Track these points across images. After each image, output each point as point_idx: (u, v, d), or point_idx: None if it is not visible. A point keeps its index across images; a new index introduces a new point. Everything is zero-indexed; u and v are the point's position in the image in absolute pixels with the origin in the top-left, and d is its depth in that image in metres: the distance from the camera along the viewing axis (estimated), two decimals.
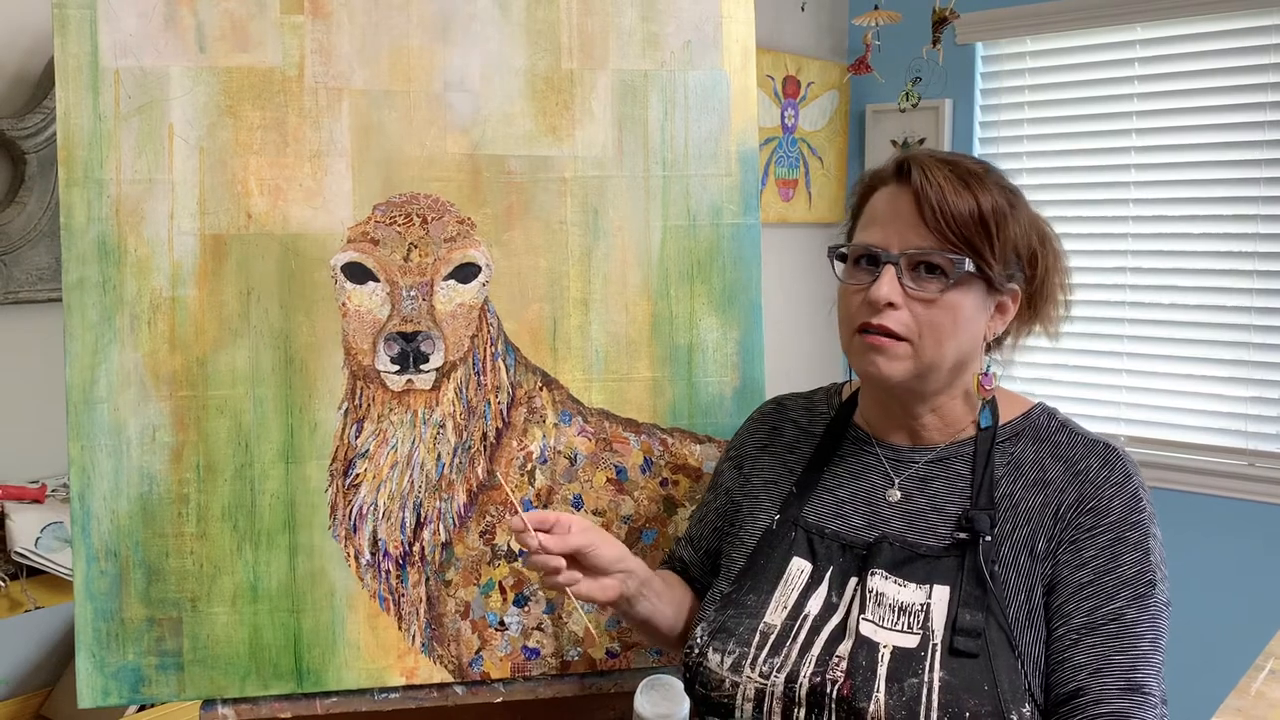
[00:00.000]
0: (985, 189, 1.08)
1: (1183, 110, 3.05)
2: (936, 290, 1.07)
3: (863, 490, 1.16)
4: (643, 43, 1.43)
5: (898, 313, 1.07)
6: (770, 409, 1.33)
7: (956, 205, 1.06)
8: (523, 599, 1.42)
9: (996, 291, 1.11)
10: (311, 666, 1.37)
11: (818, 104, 3.49)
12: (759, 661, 1.06)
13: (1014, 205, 1.10)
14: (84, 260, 1.31)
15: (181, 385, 1.34)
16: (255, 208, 1.35)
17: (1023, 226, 1.11)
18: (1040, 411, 1.17)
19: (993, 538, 1.06)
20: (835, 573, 1.11)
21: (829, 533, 1.14)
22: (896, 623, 1.04)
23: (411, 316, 1.37)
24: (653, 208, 1.44)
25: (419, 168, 1.38)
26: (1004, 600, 1.03)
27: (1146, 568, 1.03)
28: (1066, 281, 1.16)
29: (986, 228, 1.07)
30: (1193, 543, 2.96)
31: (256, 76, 1.35)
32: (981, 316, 1.11)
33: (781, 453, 1.26)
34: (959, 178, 1.08)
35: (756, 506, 1.24)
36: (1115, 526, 1.04)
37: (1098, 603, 1.01)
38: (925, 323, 1.07)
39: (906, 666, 1.01)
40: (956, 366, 1.12)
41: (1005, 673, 0.99)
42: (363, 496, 1.38)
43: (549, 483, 1.43)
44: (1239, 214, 2.98)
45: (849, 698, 1.00)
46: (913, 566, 1.08)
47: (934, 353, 1.08)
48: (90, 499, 1.32)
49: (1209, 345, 3.05)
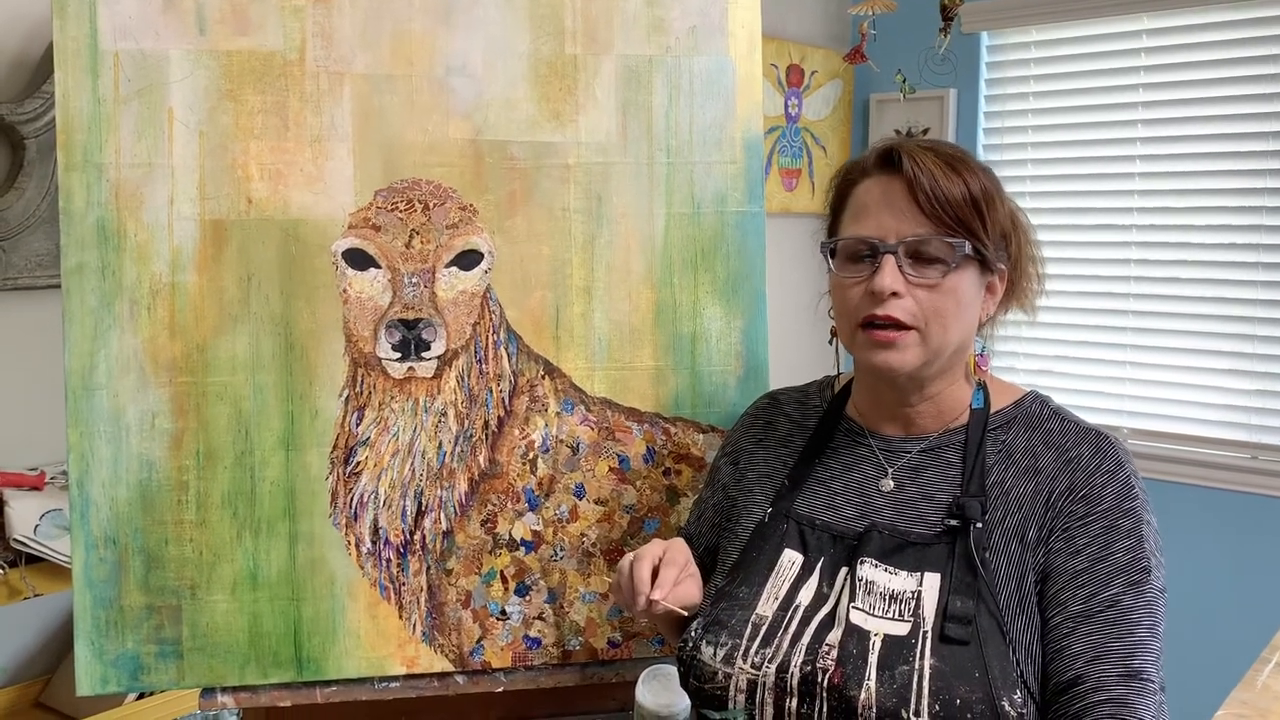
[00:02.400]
0: (971, 171, 1.10)
1: (1188, 101, 3.03)
2: (939, 275, 1.07)
3: (854, 481, 1.17)
4: (647, 27, 1.42)
5: (902, 301, 1.07)
6: (765, 403, 1.33)
7: (949, 189, 1.07)
8: (524, 588, 1.41)
9: (989, 272, 1.13)
10: (311, 655, 1.36)
11: (821, 93, 3.48)
12: (750, 653, 1.06)
13: (996, 185, 1.13)
14: (83, 245, 1.30)
15: (181, 371, 1.33)
16: (256, 193, 1.34)
17: (1005, 206, 1.13)
18: (1033, 399, 1.17)
19: (984, 525, 1.06)
20: (826, 563, 1.12)
21: (820, 524, 1.15)
22: (888, 611, 1.04)
23: (413, 304, 1.36)
24: (656, 195, 1.43)
25: (421, 153, 1.37)
26: (995, 587, 1.04)
27: (1141, 554, 1.03)
28: (1038, 254, 1.18)
29: (979, 209, 1.09)
30: (1196, 536, 2.95)
31: (257, 60, 1.33)
32: (978, 298, 1.13)
33: (775, 446, 1.26)
34: (945, 162, 1.09)
35: (750, 500, 1.24)
36: (1108, 514, 1.05)
37: (1093, 589, 1.01)
38: (930, 309, 1.08)
39: (897, 654, 1.01)
40: (959, 350, 1.13)
41: (996, 659, 0.99)
42: (364, 484, 1.37)
43: (551, 472, 1.42)
44: (1244, 205, 2.96)
45: (840, 686, 1.00)
46: (904, 554, 1.08)
47: (941, 338, 1.09)
48: (89, 486, 1.31)
49: (1213, 338, 3.04)
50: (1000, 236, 1.12)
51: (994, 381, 1.18)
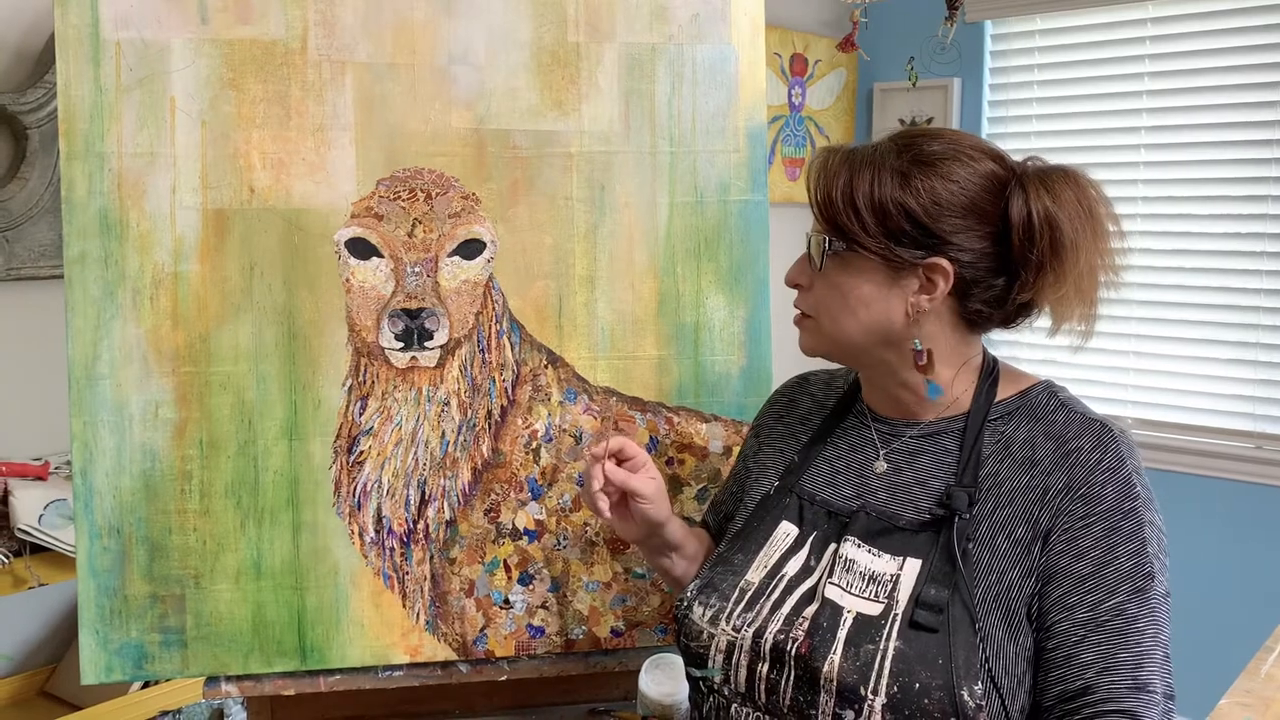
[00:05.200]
0: (862, 170, 1.08)
1: (1193, 90, 3.02)
2: (818, 270, 1.12)
3: (856, 462, 1.18)
4: (650, 15, 1.41)
5: (804, 292, 1.15)
6: (794, 383, 1.34)
7: (823, 188, 1.10)
8: (527, 577, 1.41)
9: (902, 267, 1.07)
10: (315, 644, 1.37)
11: (825, 82, 3.47)
12: (733, 616, 1.10)
13: (907, 178, 1.06)
14: (85, 234, 1.30)
15: (184, 361, 1.33)
16: (258, 182, 1.34)
17: (921, 200, 1.06)
18: (1041, 390, 1.16)
19: (971, 516, 1.06)
20: (818, 538, 1.14)
21: (819, 500, 1.17)
22: (865, 590, 1.06)
23: (416, 293, 1.36)
24: (659, 184, 1.43)
25: (423, 142, 1.37)
26: (974, 579, 1.03)
27: (1144, 559, 1.02)
28: (1042, 258, 1.06)
29: (853, 207, 1.08)
30: (1198, 525, 2.95)
31: (259, 49, 1.33)
32: (888, 294, 1.09)
33: (794, 424, 1.28)
34: (845, 160, 1.10)
35: (762, 474, 1.26)
36: (1109, 515, 1.03)
37: (1099, 597, 1.01)
38: (819, 301, 1.13)
39: (866, 633, 1.03)
40: (880, 342, 1.12)
41: (962, 649, 0.99)
42: (367, 474, 1.37)
43: (554, 461, 1.42)
44: (1249, 195, 2.96)
45: (806, 656, 1.03)
46: (890, 538, 1.09)
47: (831, 328, 1.13)
48: (93, 475, 1.31)
49: (1216, 327, 3.04)
50: (912, 229, 1.06)
51: (1008, 371, 1.17)
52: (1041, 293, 1.09)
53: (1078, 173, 1.10)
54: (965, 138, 1.11)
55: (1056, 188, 1.07)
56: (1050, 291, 1.08)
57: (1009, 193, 1.07)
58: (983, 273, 1.09)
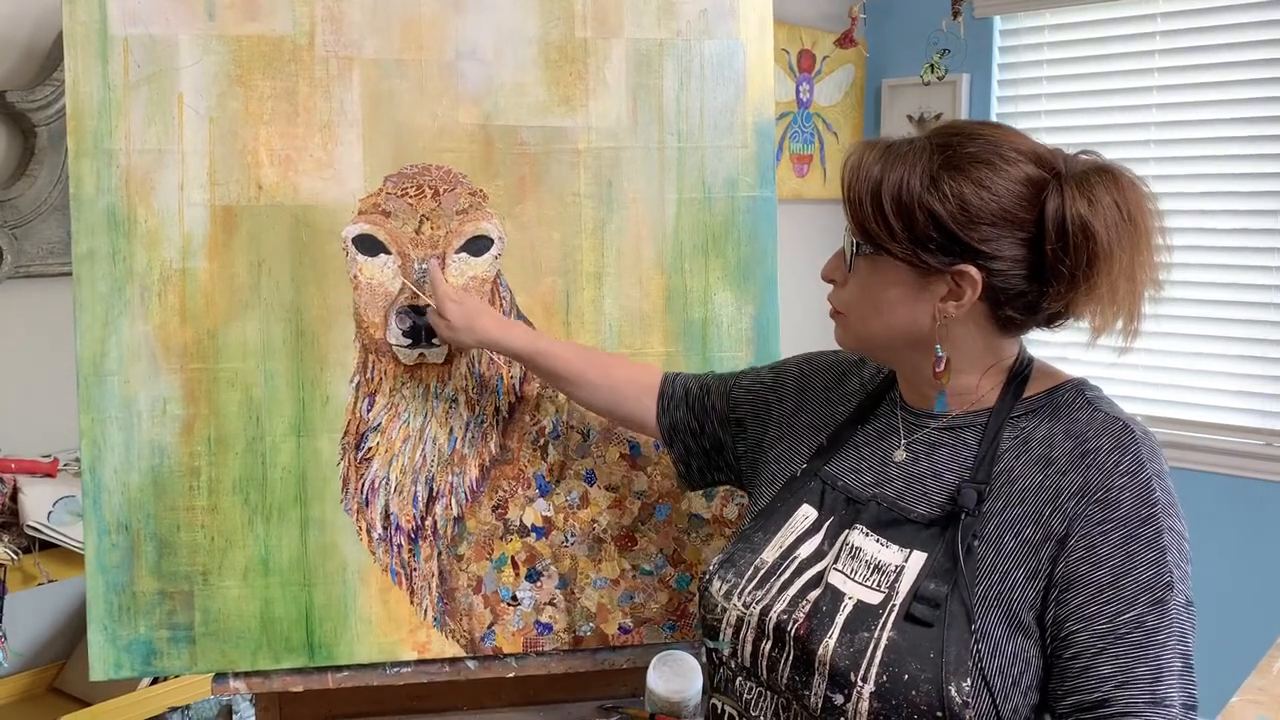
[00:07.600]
0: (892, 170, 1.04)
1: (1203, 85, 3.00)
2: (849, 269, 1.11)
3: (880, 449, 1.18)
4: (658, 11, 1.41)
5: (837, 288, 1.14)
6: (854, 359, 1.30)
7: (853, 188, 1.08)
8: (535, 574, 1.41)
9: (929, 273, 1.05)
10: (323, 640, 1.37)
11: (833, 78, 3.46)
12: (745, 592, 1.12)
13: (936, 182, 1.03)
14: (93, 231, 1.30)
15: (192, 358, 1.33)
16: (266, 179, 1.33)
17: (949, 207, 1.02)
18: (1069, 388, 1.12)
19: (980, 514, 1.05)
20: (834, 523, 1.14)
21: (840, 485, 1.17)
22: (868, 579, 1.06)
23: (423, 289, 1.36)
24: (667, 180, 1.42)
25: (430, 138, 1.36)
26: (976, 577, 1.03)
27: (1164, 568, 0.99)
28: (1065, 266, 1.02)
29: (879, 208, 1.04)
30: (1210, 523, 2.94)
31: (267, 45, 1.33)
32: (915, 298, 1.07)
33: (836, 401, 1.26)
34: (875, 160, 1.06)
35: (792, 451, 1.25)
36: (1127, 522, 1.01)
37: (1119, 608, 0.99)
38: (850, 300, 1.13)
39: (862, 621, 1.03)
40: (907, 344, 1.11)
41: (955, 645, 0.99)
42: (375, 470, 1.37)
43: (561, 458, 1.41)
44: (1259, 190, 2.94)
45: (804, 638, 1.05)
46: (899, 530, 1.09)
47: (860, 327, 1.12)
48: (101, 471, 1.32)
49: (1228, 324, 3.02)
50: (937, 234, 1.03)
51: (1042, 369, 1.15)
52: (1075, 303, 1.05)
53: (1121, 173, 1.05)
54: (1006, 138, 1.06)
55: (1096, 192, 1.02)
56: (1084, 301, 1.04)
57: (1044, 196, 1.03)
58: (1015, 280, 1.05)
